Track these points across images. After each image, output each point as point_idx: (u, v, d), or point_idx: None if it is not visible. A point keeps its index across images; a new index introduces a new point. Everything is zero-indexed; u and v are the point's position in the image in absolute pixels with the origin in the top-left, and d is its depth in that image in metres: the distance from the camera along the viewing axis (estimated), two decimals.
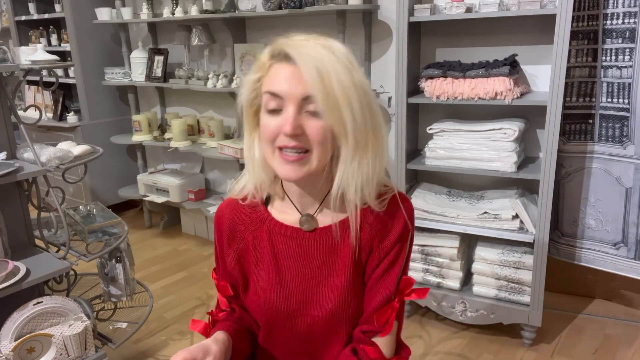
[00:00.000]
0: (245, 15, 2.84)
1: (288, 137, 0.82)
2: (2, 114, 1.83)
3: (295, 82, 0.80)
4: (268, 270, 0.96)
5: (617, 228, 2.20)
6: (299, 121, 0.81)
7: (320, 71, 0.78)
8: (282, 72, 0.82)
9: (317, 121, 0.81)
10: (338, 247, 0.94)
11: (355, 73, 0.82)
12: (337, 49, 0.82)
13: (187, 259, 3.23)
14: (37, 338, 1.56)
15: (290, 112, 0.81)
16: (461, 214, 2.19)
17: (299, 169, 0.84)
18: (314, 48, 0.80)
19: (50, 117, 3.69)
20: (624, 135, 2.10)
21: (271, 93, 0.83)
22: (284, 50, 0.81)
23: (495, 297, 2.21)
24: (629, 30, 2.00)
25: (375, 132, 0.85)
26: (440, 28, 2.34)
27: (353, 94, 0.80)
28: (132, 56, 3.51)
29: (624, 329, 2.32)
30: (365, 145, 0.84)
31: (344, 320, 0.95)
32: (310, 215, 0.95)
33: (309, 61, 0.78)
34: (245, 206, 0.99)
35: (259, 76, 0.86)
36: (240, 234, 0.99)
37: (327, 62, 0.79)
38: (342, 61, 0.81)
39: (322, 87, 0.78)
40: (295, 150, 0.83)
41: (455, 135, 2.16)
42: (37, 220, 1.94)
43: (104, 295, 2.10)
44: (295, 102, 0.81)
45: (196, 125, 3.38)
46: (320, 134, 0.82)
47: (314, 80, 0.78)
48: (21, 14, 3.96)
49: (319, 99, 0.78)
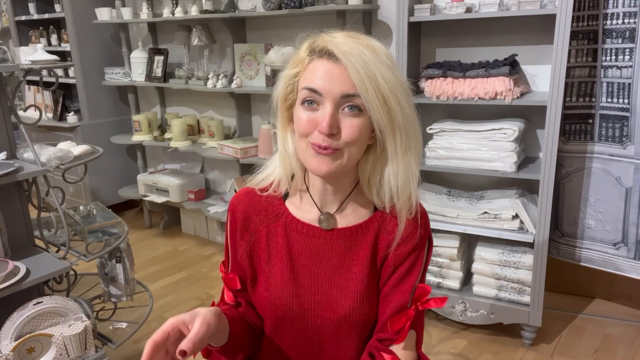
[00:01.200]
0: (245, 15, 2.84)
1: (323, 135, 0.82)
2: (2, 114, 1.83)
3: (336, 79, 0.80)
4: (281, 267, 0.95)
5: (617, 228, 2.20)
6: (335, 119, 0.81)
7: (366, 70, 0.79)
8: (322, 68, 0.81)
9: (355, 119, 0.82)
10: (355, 250, 0.93)
11: (397, 72, 0.83)
12: (378, 48, 0.83)
13: (187, 259, 3.23)
14: (37, 338, 1.56)
15: (328, 109, 0.81)
16: (461, 214, 2.19)
17: (330, 163, 0.84)
18: (356, 46, 0.80)
19: (50, 117, 3.69)
20: (624, 135, 2.10)
21: (310, 89, 0.82)
22: (327, 47, 0.81)
23: (495, 297, 2.21)
24: (629, 30, 2.00)
25: (416, 128, 0.87)
26: (440, 28, 2.34)
27: (399, 91, 0.81)
28: (132, 56, 3.51)
29: (624, 329, 2.32)
30: (415, 135, 0.86)
31: (355, 326, 0.93)
32: (330, 214, 0.94)
33: (354, 60, 0.79)
34: (263, 198, 0.98)
35: (297, 71, 0.86)
36: (254, 225, 0.97)
37: (372, 61, 0.79)
38: (384, 60, 0.81)
39: (371, 85, 0.79)
40: (328, 147, 0.83)
41: (455, 135, 2.16)
42: (37, 220, 1.94)
43: (104, 295, 2.10)
44: (334, 100, 0.81)
45: (196, 125, 3.38)
46: (356, 133, 0.82)
47: (361, 79, 0.78)
48: (21, 14, 3.96)
49: (369, 98, 0.79)
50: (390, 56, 0.84)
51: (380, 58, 0.81)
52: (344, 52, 0.79)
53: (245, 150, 2.91)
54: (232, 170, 3.38)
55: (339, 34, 0.84)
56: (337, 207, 0.94)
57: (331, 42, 0.81)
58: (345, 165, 0.85)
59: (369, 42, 0.83)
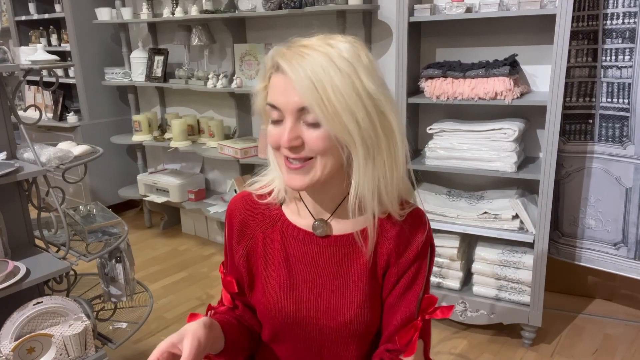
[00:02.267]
0: (245, 15, 2.84)
1: (287, 149, 0.81)
2: (2, 114, 1.83)
3: (290, 93, 0.78)
4: (278, 273, 0.95)
5: (617, 228, 2.20)
6: (296, 133, 0.80)
7: (313, 81, 0.76)
8: (279, 83, 0.80)
9: (316, 131, 0.80)
10: (353, 257, 0.92)
11: (357, 79, 0.78)
12: (338, 54, 0.78)
13: (187, 259, 3.23)
14: (37, 338, 1.56)
15: (288, 124, 0.80)
16: (461, 214, 2.19)
17: (303, 177, 0.83)
18: (309, 56, 0.77)
19: (50, 117, 3.69)
20: (624, 135, 2.10)
21: (270, 105, 0.82)
22: (277, 61, 0.80)
23: (495, 297, 2.21)
24: (629, 30, 2.00)
25: (387, 134, 0.82)
26: (440, 28, 2.34)
27: (354, 100, 0.77)
28: (132, 56, 3.51)
29: (624, 329, 2.32)
30: (378, 149, 0.82)
31: (355, 334, 0.93)
32: (324, 220, 0.93)
33: (301, 72, 0.76)
34: (260, 203, 0.97)
35: (264, 85, 0.85)
36: (250, 230, 0.97)
37: (322, 71, 0.76)
38: (341, 68, 0.77)
39: (317, 97, 0.76)
40: (298, 160, 0.82)
41: (455, 135, 2.16)
42: (37, 220, 1.94)
43: (104, 295, 2.10)
44: (292, 114, 0.80)
45: (196, 125, 3.38)
46: (320, 144, 0.80)
47: (307, 91, 0.76)
48: (21, 14, 3.96)
49: (315, 109, 0.77)
50: (356, 61, 0.79)
51: (337, 65, 0.77)
52: (292, 66, 0.77)
53: (245, 151, 2.91)
54: (232, 171, 3.38)
55: (300, 41, 0.81)
56: (331, 214, 0.93)
57: (282, 55, 0.79)
58: (322, 177, 0.83)
59: (330, 49, 0.79)
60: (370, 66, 0.81)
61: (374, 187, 0.84)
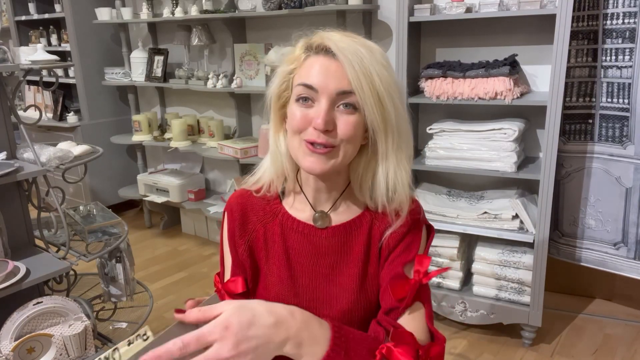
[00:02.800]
0: (245, 15, 2.84)
1: (318, 132, 0.82)
2: (2, 114, 1.83)
3: (332, 75, 0.81)
4: (279, 265, 0.95)
5: (617, 228, 2.20)
6: (331, 116, 0.82)
7: (362, 67, 0.79)
8: (319, 64, 0.82)
9: (350, 116, 0.82)
10: (349, 245, 0.94)
11: (392, 72, 0.84)
12: (374, 47, 0.83)
13: (187, 259, 3.23)
14: (37, 338, 1.56)
15: (323, 105, 0.81)
16: (461, 214, 2.19)
17: (325, 162, 0.84)
18: (352, 44, 0.81)
19: (50, 117, 3.69)
20: (624, 135, 2.10)
21: (305, 85, 0.83)
22: (324, 44, 0.82)
23: (495, 297, 2.21)
24: (629, 30, 2.00)
25: (407, 130, 0.88)
26: (440, 28, 2.34)
27: (393, 89, 0.82)
28: (132, 56, 3.51)
29: (624, 329, 2.32)
30: (406, 136, 0.87)
31: (354, 322, 0.93)
32: (324, 212, 0.94)
33: (350, 57, 0.79)
34: (259, 198, 0.98)
35: (292, 68, 0.86)
36: (252, 225, 0.97)
37: (368, 59, 0.80)
38: (380, 60, 0.82)
39: (367, 82, 0.79)
40: (323, 145, 0.83)
41: (455, 135, 2.16)
42: (37, 220, 1.94)
43: (104, 295, 2.10)
44: (330, 97, 0.81)
45: (196, 125, 3.38)
46: (352, 130, 0.83)
47: (358, 75, 0.79)
48: (21, 14, 3.96)
49: (364, 94, 0.80)
50: (386, 56, 0.84)
51: (376, 57, 0.81)
52: (341, 48, 0.80)
53: (245, 150, 2.91)
54: (232, 170, 3.38)
55: (335, 32, 0.84)
56: (331, 206, 0.95)
57: (328, 39, 0.82)
58: (340, 164, 0.86)
59: (365, 41, 0.84)
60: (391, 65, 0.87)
61: (401, 174, 0.88)
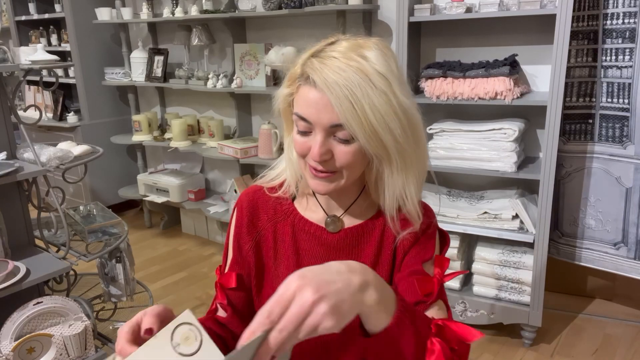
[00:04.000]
0: (245, 15, 2.84)
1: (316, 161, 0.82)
2: (2, 114, 1.83)
3: (323, 109, 0.77)
4: (288, 266, 0.94)
5: (617, 228, 2.20)
6: (327, 147, 0.80)
7: (351, 100, 0.75)
8: (310, 97, 0.79)
9: (346, 147, 0.80)
10: (361, 247, 0.93)
11: (393, 95, 0.77)
12: (372, 69, 0.76)
13: (187, 259, 3.23)
14: (37, 338, 1.56)
15: (318, 138, 0.80)
16: (461, 214, 2.19)
17: (327, 185, 0.85)
18: (344, 72, 0.75)
19: (50, 117, 3.69)
20: (624, 135, 2.10)
21: (300, 117, 0.81)
22: (309, 75, 0.78)
23: (495, 297, 2.21)
24: (629, 30, 2.00)
25: (418, 143, 0.84)
26: (440, 28, 2.34)
27: (392, 118, 0.77)
28: (132, 56, 3.51)
29: (624, 329, 2.32)
30: (411, 157, 0.83)
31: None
32: (337, 216, 0.94)
33: (338, 89, 0.75)
34: (272, 197, 0.98)
35: (290, 92, 0.85)
36: (262, 223, 0.97)
37: (359, 91, 0.75)
38: (377, 84, 0.76)
39: (355, 116, 0.75)
40: (325, 171, 0.83)
41: (455, 135, 2.16)
42: (37, 220, 1.94)
43: (104, 295, 2.10)
44: (323, 129, 0.79)
45: (196, 125, 3.38)
46: (350, 159, 0.81)
47: (345, 110, 0.75)
48: (21, 14, 3.96)
49: (354, 128, 0.76)
50: (389, 74, 0.78)
51: (373, 82, 0.76)
52: (329, 84, 0.75)
53: (245, 151, 2.90)
54: (232, 170, 3.38)
55: (337, 50, 0.79)
56: (344, 210, 0.95)
57: (317, 71, 0.77)
58: (345, 185, 0.85)
59: (364, 61, 0.77)
60: (401, 76, 0.81)
61: (408, 191, 0.86)
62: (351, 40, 0.81)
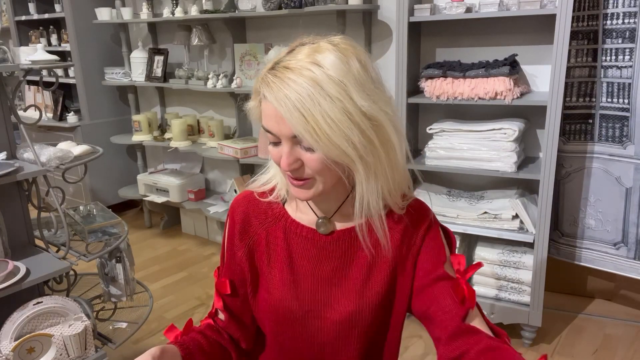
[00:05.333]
0: (245, 15, 2.84)
1: None
2: (2, 114, 1.83)
3: (282, 122, 0.78)
4: (282, 269, 0.95)
5: (617, 228, 2.20)
6: (294, 156, 0.81)
7: (302, 112, 0.74)
8: (269, 111, 0.80)
9: (313, 154, 0.80)
10: (353, 250, 0.93)
11: (349, 100, 0.76)
12: (325, 77, 0.75)
13: (187, 259, 3.23)
14: (37, 338, 1.56)
15: (285, 149, 0.81)
16: (461, 214, 2.19)
17: (306, 192, 0.85)
18: (295, 83, 0.75)
19: (50, 117, 3.69)
20: (624, 135, 2.10)
21: (265, 129, 0.83)
22: (264, 92, 0.79)
23: (495, 297, 2.21)
24: (629, 30, 2.00)
25: (385, 144, 0.81)
26: (440, 28, 2.34)
27: (348, 125, 0.76)
28: (132, 56, 3.51)
29: (624, 329, 2.32)
30: (378, 161, 0.81)
31: (355, 327, 0.93)
32: (327, 218, 0.94)
33: (288, 103, 0.75)
34: (263, 201, 0.98)
35: (256, 105, 0.86)
36: (253, 229, 0.98)
37: (310, 101, 0.74)
38: (330, 92, 0.75)
39: (308, 127, 0.75)
40: (299, 179, 0.84)
41: (455, 135, 2.16)
42: (37, 220, 1.94)
43: (104, 295, 2.10)
44: (288, 140, 0.80)
45: (196, 125, 3.38)
46: (318, 166, 0.80)
47: (296, 122, 0.75)
48: (21, 14, 3.96)
49: (308, 138, 0.76)
50: (344, 79, 0.76)
51: (325, 90, 0.74)
52: (279, 98, 0.76)
53: (245, 151, 2.91)
54: (232, 170, 3.38)
55: (295, 58, 0.78)
56: (334, 212, 0.95)
57: (267, 85, 0.78)
58: (324, 190, 0.85)
59: (317, 69, 0.76)
60: (363, 76, 0.78)
61: (378, 193, 0.85)
62: (311, 45, 0.80)
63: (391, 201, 0.88)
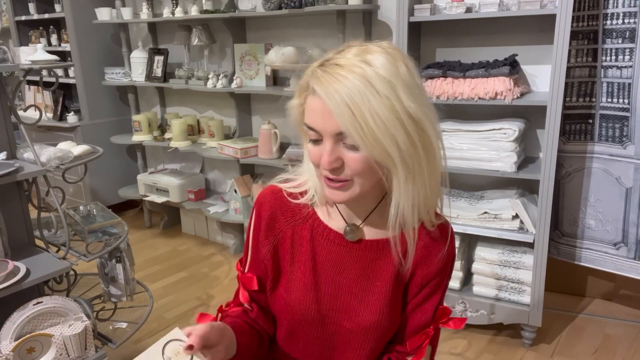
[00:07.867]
0: (245, 15, 2.84)
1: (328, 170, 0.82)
2: (2, 114, 1.83)
3: (328, 117, 0.77)
4: (304, 270, 0.95)
5: (617, 228, 2.20)
6: (336, 154, 0.80)
7: (350, 107, 0.74)
8: (316, 106, 0.79)
9: (355, 154, 0.79)
10: (380, 263, 0.93)
11: (397, 100, 0.75)
12: (375, 74, 0.75)
13: (187, 259, 3.23)
14: (37, 338, 1.56)
15: (327, 147, 0.79)
16: (461, 214, 2.19)
17: (342, 194, 0.84)
18: (345, 79, 0.75)
19: (50, 117, 3.69)
20: (624, 135, 2.10)
21: (308, 127, 0.82)
22: (314, 86, 0.79)
23: (495, 297, 2.21)
24: (629, 30, 2.00)
25: (428, 150, 0.81)
26: (440, 28, 2.34)
27: (394, 124, 0.75)
28: (132, 56, 3.51)
29: (624, 329, 2.32)
30: (419, 167, 0.81)
31: (371, 338, 0.94)
32: (356, 225, 0.94)
33: (337, 97, 0.74)
34: (292, 201, 0.97)
35: (300, 103, 0.85)
36: (280, 225, 0.97)
37: (359, 97, 0.74)
38: (379, 90, 0.75)
39: (355, 124, 0.74)
40: (337, 180, 0.83)
41: (455, 135, 2.16)
42: (37, 220, 1.94)
43: (104, 295, 2.10)
44: (331, 137, 0.79)
45: (196, 125, 3.38)
46: (360, 166, 0.80)
47: (344, 118, 0.75)
48: (21, 14, 3.96)
49: (354, 135, 0.75)
50: (393, 80, 0.76)
51: (375, 88, 0.75)
52: (328, 92, 0.75)
53: (245, 150, 2.91)
54: (232, 171, 3.38)
55: (344, 57, 0.78)
56: (363, 219, 0.94)
57: (319, 81, 0.77)
58: (360, 193, 0.84)
59: (367, 67, 0.76)
60: (410, 80, 0.78)
61: (415, 202, 0.84)
62: (360, 46, 0.81)
63: (424, 212, 0.87)
